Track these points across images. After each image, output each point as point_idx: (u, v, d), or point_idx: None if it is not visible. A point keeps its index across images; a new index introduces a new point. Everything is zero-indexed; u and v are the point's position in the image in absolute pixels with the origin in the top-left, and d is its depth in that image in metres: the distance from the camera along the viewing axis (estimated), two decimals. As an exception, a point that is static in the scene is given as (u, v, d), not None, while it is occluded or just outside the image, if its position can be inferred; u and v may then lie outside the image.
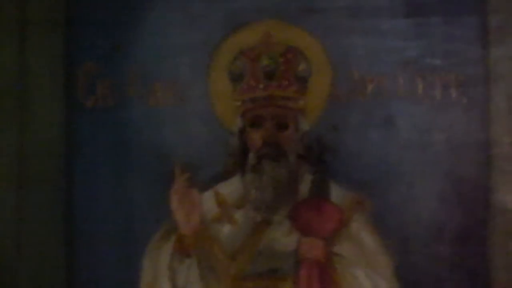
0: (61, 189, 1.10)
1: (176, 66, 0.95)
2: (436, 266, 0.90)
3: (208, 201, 0.83)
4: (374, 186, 0.91)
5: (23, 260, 1.13)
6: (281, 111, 0.84)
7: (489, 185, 0.92)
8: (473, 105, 0.92)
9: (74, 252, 1.01)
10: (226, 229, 0.86)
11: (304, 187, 0.82)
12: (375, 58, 0.93)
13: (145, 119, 1.01)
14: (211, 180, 0.85)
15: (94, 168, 1.04)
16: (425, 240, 0.92)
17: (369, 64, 0.92)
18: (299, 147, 0.84)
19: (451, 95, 0.90)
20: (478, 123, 0.89)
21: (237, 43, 0.87)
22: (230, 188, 0.83)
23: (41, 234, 1.12)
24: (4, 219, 1.12)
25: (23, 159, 1.13)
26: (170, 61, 0.95)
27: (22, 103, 1.14)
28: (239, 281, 0.82)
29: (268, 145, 0.84)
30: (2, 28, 1.20)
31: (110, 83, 0.95)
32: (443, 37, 0.95)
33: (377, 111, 0.91)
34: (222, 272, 0.83)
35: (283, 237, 0.82)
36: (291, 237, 0.82)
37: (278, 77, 0.84)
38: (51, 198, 1.10)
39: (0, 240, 1.14)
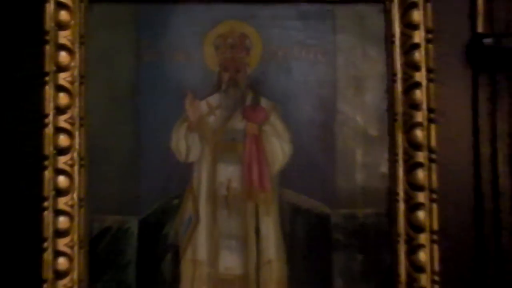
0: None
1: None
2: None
3: (203, 105, 1.67)
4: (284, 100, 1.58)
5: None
6: (238, 64, 1.68)
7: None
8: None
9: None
10: (211, 119, 1.69)
11: (249, 100, 1.67)
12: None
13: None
14: (205, 95, 1.68)
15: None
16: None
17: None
18: (247, 81, 1.68)
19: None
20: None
21: (216, 32, 1.58)
22: (214, 99, 1.65)
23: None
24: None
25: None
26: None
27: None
28: (217, 144, 1.66)
29: (232, 79, 1.69)
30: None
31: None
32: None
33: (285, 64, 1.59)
34: (208, 139, 1.66)
35: (238, 122, 1.67)
36: (242, 122, 1.68)
37: (236, 48, 1.68)
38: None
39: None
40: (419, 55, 1.57)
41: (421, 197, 1.55)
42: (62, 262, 1.53)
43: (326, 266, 1.57)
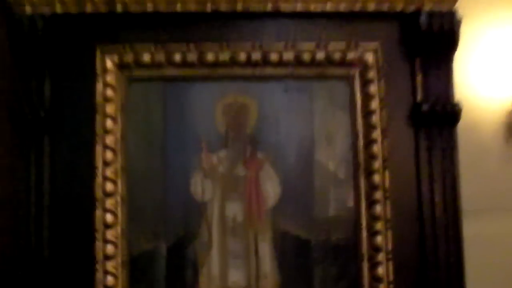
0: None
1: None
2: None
3: (214, 157, 2.18)
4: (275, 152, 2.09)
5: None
6: (240, 126, 2.20)
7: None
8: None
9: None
10: (220, 168, 2.23)
11: (248, 152, 2.19)
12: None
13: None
14: (216, 149, 2.13)
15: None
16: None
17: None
18: (246, 139, 2.20)
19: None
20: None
21: (223, 102, 2.14)
22: (222, 153, 2.16)
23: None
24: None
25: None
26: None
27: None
28: (224, 187, 2.20)
29: (235, 138, 2.22)
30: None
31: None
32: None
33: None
34: (218, 183, 2.19)
35: (240, 170, 2.18)
36: (243, 170, 2.21)
37: (238, 114, 2.21)
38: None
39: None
40: (375, 118, 2.09)
41: (379, 225, 2.06)
42: (110, 280, 2.01)
43: (309, 277, 2.08)
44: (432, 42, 2.04)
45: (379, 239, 2.01)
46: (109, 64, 2.02)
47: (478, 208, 2.22)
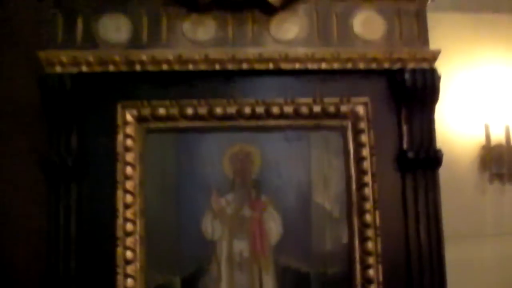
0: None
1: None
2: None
3: (223, 200, 2.43)
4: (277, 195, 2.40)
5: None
6: (246, 172, 2.46)
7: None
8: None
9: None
10: (228, 210, 2.47)
11: (253, 196, 2.44)
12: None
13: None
14: (224, 193, 2.45)
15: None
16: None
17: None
18: (251, 183, 2.46)
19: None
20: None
21: (231, 151, 2.44)
22: (230, 196, 2.41)
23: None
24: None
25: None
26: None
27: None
28: (232, 227, 2.45)
29: (241, 182, 2.48)
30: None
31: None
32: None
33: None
34: (226, 223, 2.44)
35: (246, 212, 2.43)
36: (249, 212, 2.45)
37: (244, 161, 2.47)
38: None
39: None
40: (366, 164, 2.34)
41: (371, 260, 2.29)
42: (130, 309, 2.25)
43: (308, 306, 2.31)
44: (415, 96, 2.30)
45: (371, 272, 2.24)
46: (128, 117, 2.26)
47: (458, 235, 2.47)
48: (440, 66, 2.36)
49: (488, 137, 3.91)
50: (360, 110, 2.28)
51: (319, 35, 2.29)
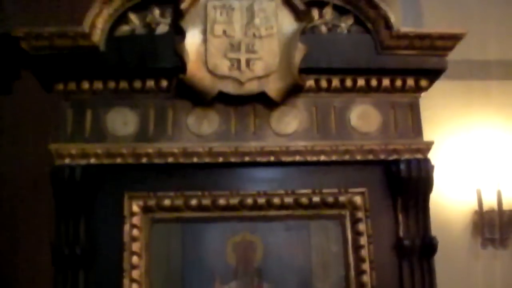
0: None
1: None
2: None
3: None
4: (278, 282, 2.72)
5: None
6: (248, 260, 2.56)
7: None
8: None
9: None
10: None
11: (255, 283, 2.54)
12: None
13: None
14: (227, 281, 2.53)
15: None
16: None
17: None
18: (254, 271, 2.56)
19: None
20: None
21: (234, 240, 2.58)
22: (233, 284, 2.49)
23: None
24: None
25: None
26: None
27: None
28: None
29: (244, 271, 2.57)
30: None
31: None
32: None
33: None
34: None
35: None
36: None
37: (247, 250, 2.56)
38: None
39: None
40: (364, 252, 2.43)
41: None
42: None
43: None
44: (410, 185, 2.40)
45: None
46: (135, 208, 2.36)
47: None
48: (432, 132, 2.47)
49: (480, 202, 4.03)
50: (358, 200, 2.38)
51: (318, 128, 2.40)
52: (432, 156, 2.44)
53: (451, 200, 3.48)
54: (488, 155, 4.13)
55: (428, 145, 2.43)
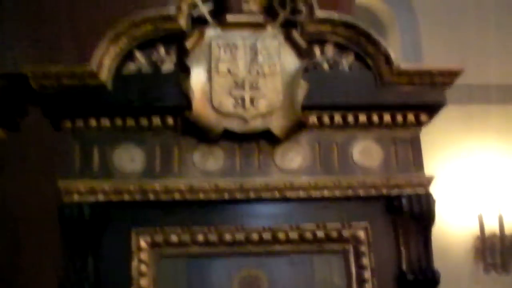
0: None
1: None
2: None
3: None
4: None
5: None
6: None
7: None
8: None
9: None
10: None
11: None
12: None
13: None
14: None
15: None
16: None
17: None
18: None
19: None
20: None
21: (240, 275, 2.63)
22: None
23: None
24: None
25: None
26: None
27: None
28: None
29: None
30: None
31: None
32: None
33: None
34: None
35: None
36: None
37: (252, 286, 2.62)
38: None
39: None
40: (368, 286, 2.47)
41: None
42: None
43: None
44: (412, 220, 2.45)
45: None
46: (142, 243, 2.41)
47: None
48: (432, 157, 2.51)
49: (482, 228, 4.07)
50: (361, 234, 2.43)
51: (321, 164, 2.45)
52: (432, 182, 2.47)
53: (453, 225, 3.52)
54: (489, 180, 4.18)
55: (429, 180, 2.48)
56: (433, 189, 2.53)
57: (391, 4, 5.82)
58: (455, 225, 3.51)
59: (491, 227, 3.96)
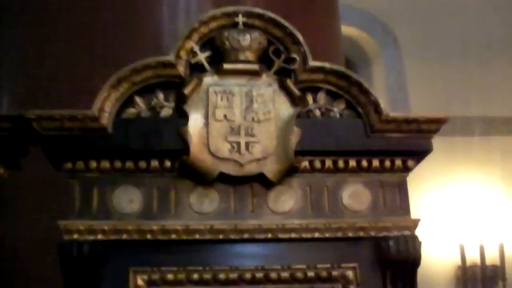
0: None
1: None
2: None
3: None
4: None
5: None
6: None
7: None
8: None
9: None
10: None
11: None
12: None
13: None
14: None
15: None
16: None
17: None
18: None
19: None
20: None
21: None
22: None
23: None
24: None
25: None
26: None
27: None
28: None
29: None
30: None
31: None
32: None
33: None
34: None
35: None
36: None
37: None
38: None
39: None
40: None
41: None
42: None
43: None
44: (399, 260, 2.57)
45: None
46: (140, 282, 2.50)
47: None
48: (413, 187, 2.64)
49: (463, 257, 4.20)
50: (350, 274, 2.54)
51: (312, 207, 2.56)
52: (418, 224, 2.59)
53: (435, 256, 3.65)
54: (470, 210, 4.33)
55: (416, 222, 2.60)
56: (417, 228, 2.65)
57: (376, 37, 5.98)
58: (437, 254, 3.65)
59: (473, 258, 4.10)
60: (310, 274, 2.55)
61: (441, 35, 5.27)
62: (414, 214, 2.69)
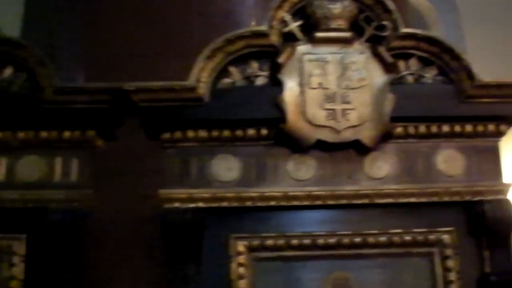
0: None
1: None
2: None
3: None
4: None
5: None
6: None
7: None
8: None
9: None
10: None
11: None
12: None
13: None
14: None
15: None
16: None
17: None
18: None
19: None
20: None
21: (330, 276, 2.79)
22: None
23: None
24: None
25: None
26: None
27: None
28: None
29: None
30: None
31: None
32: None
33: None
34: None
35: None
36: None
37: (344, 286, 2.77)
38: None
39: None
40: (453, 287, 2.62)
41: None
42: None
43: None
44: (494, 224, 2.59)
45: None
46: (240, 247, 2.56)
47: None
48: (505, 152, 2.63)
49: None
50: (446, 238, 2.57)
51: (407, 172, 2.59)
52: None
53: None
54: None
55: (508, 187, 2.61)
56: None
57: (435, 2, 5.87)
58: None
59: None
60: (407, 238, 2.59)
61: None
62: (506, 179, 2.69)
